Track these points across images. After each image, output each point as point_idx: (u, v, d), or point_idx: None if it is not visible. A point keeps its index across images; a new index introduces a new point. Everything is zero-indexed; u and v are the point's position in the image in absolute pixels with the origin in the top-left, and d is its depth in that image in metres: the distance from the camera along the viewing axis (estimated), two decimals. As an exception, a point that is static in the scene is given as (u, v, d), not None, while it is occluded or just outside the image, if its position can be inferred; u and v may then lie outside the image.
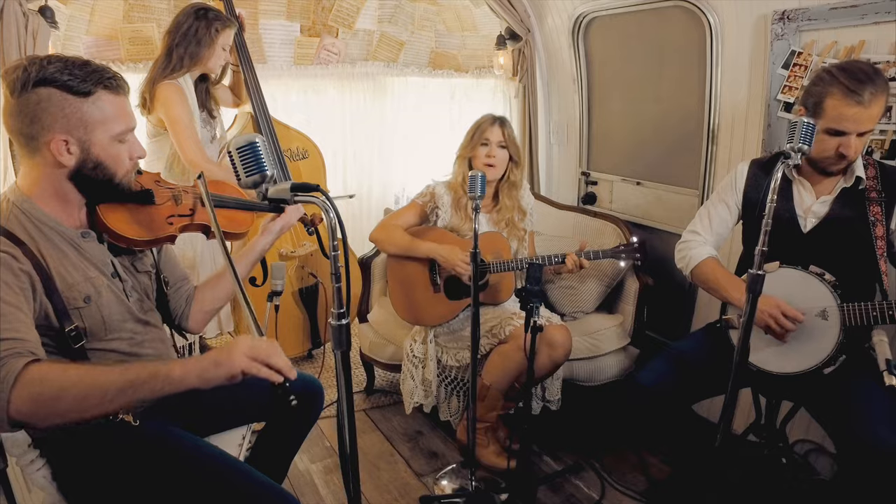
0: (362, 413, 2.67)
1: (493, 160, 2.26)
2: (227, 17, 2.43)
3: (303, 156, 2.92)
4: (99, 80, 1.22)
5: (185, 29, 2.30)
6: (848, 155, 1.61)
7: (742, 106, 2.27)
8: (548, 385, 2.34)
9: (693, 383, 1.83)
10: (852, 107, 1.55)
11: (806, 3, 1.96)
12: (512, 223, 2.35)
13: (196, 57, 2.32)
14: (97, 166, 1.26)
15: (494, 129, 2.25)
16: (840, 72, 1.58)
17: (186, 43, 2.29)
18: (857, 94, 1.54)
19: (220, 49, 2.37)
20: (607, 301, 2.61)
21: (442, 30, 3.53)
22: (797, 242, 1.78)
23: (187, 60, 2.30)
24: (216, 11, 2.38)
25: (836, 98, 1.57)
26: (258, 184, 1.12)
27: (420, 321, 2.32)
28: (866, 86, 1.53)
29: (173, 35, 2.33)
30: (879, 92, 1.54)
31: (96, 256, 1.32)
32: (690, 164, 2.53)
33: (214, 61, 2.38)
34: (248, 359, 1.11)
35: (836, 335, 1.65)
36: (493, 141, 2.25)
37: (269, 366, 1.13)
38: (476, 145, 2.26)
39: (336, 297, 1.16)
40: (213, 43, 2.33)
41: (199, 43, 2.30)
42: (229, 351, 1.11)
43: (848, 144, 1.60)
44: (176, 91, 2.29)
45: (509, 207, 2.34)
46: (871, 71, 1.55)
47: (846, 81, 1.55)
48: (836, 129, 1.59)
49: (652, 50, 2.65)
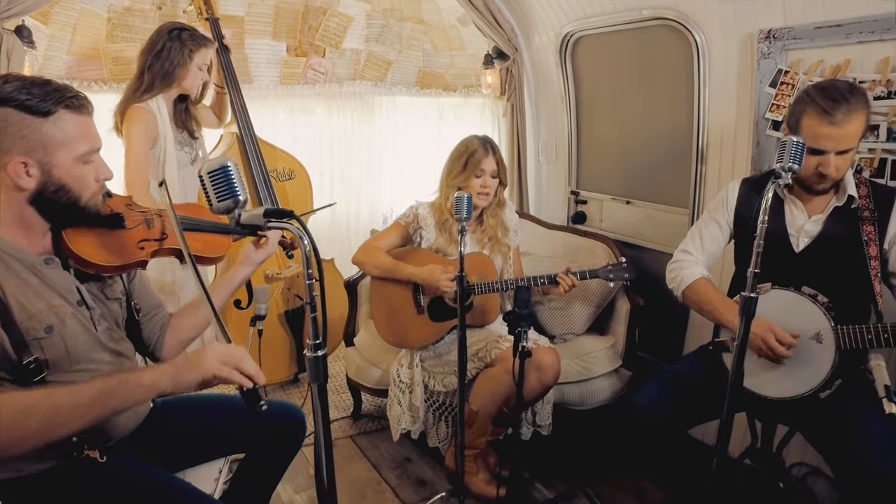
0: (349, 439, 2.59)
1: (487, 190, 2.23)
2: (202, 37, 2.37)
3: (289, 176, 2.88)
4: (60, 100, 1.17)
5: (158, 48, 2.25)
6: (828, 174, 1.59)
7: (730, 124, 2.26)
8: (538, 409, 2.28)
9: (688, 407, 1.78)
10: (825, 126, 1.54)
11: (791, 22, 1.96)
12: (495, 239, 2.31)
13: (170, 77, 2.26)
14: (60, 189, 1.21)
15: (489, 159, 2.20)
16: (816, 91, 1.57)
17: (160, 63, 2.24)
18: (830, 115, 1.53)
19: (195, 69, 2.32)
20: (598, 322, 2.56)
21: (429, 49, 3.52)
22: (790, 262, 1.74)
23: (159, 81, 2.25)
24: (191, 31, 2.33)
25: (811, 117, 1.56)
26: (231, 209, 1.07)
27: (403, 343, 2.27)
28: (840, 105, 1.52)
29: (147, 55, 2.28)
30: (855, 111, 1.53)
31: (60, 284, 1.26)
32: (680, 182, 2.51)
33: (190, 81, 2.33)
34: (219, 363, 1.12)
35: (832, 358, 1.61)
36: (487, 171, 2.21)
37: (240, 370, 1.13)
38: (470, 176, 2.21)
39: (312, 328, 1.11)
40: (188, 63, 2.28)
41: (173, 63, 2.25)
42: (202, 355, 1.12)
43: (827, 163, 1.58)
44: (141, 116, 2.23)
45: (493, 225, 2.32)
46: (848, 90, 1.54)
47: (821, 101, 1.54)
48: (813, 148, 1.58)
49: (640, 69, 2.65)
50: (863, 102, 1.55)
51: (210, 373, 1.11)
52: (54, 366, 1.22)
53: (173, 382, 1.11)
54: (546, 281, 2.16)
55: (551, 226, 2.91)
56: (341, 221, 3.57)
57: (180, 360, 1.14)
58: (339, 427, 2.67)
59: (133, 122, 2.22)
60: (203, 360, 1.11)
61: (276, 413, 1.71)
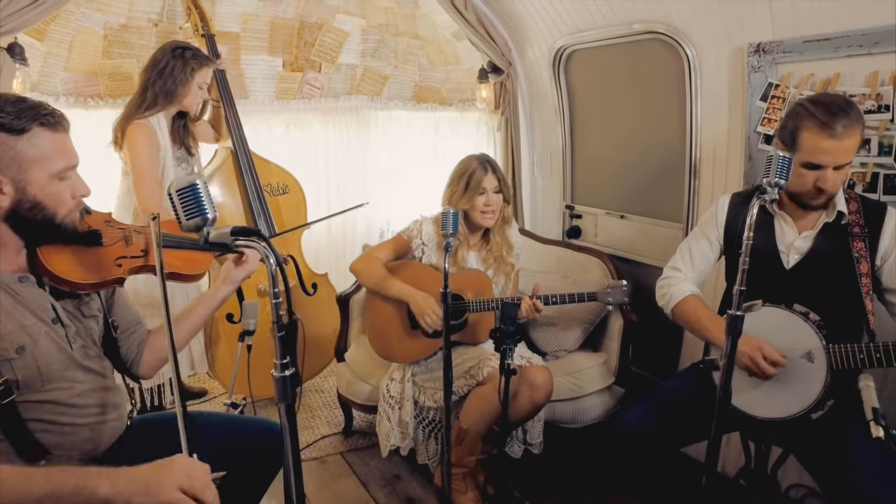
0: (339, 456, 2.56)
1: (492, 207, 2.20)
2: (205, 56, 2.41)
3: (283, 191, 2.88)
4: (34, 117, 1.17)
5: (161, 66, 2.28)
6: (826, 189, 1.57)
7: (723, 138, 2.24)
8: (529, 427, 2.24)
9: (678, 426, 1.74)
10: (826, 140, 1.51)
11: (780, 36, 1.94)
12: (501, 259, 2.29)
13: (171, 95, 2.29)
14: (34, 206, 1.20)
15: (489, 176, 2.18)
16: (813, 105, 1.54)
17: (163, 81, 2.27)
18: (830, 128, 1.50)
19: (196, 87, 2.35)
20: (591, 339, 2.52)
21: (425, 63, 3.54)
22: (780, 279, 1.71)
23: (161, 98, 2.28)
24: (194, 50, 2.37)
25: (810, 131, 1.53)
26: (200, 227, 1.07)
27: (394, 357, 2.25)
28: (839, 119, 1.49)
29: (149, 72, 2.32)
30: (853, 124, 1.50)
31: (34, 302, 1.25)
32: (674, 196, 2.49)
33: (191, 99, 2.36)
34: (179, 492, 1.05)
35: (823, 378, 1.57)
36: (489, 189, 2.19)
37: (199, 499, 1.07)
38: (473, 195, 2.19)
39: (279, 347, 1.10)
40: (190, 81, 2.31)
41: (175, 81, 2.28)
42: (163, 477, 1.05)
43: (825, 178, 1.55)
44: (144, 132, 2.25)
45: (499, 244, 2.29)
46: (845, 104, 1.52)
47: (819, 115, 1.51)
48: (812, 163, 1.55)
49: (633, 82, 2.64)
50: (859, 117, 1.53)
51: (167, 500, 1.04)
52: (26, 386, 1.21)
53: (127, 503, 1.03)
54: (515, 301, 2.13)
55: (545, 240, 2.89)
56: (337, 236, 3.56)
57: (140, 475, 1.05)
58: (330, 443, 2.64)
59: (136, 138, 2.25)
60: (163, 486, 1.04)
61: (256, 430, 1.69)
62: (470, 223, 2.25)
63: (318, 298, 2.97)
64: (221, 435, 1.63)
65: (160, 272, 1.35)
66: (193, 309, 1.58)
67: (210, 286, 2.68)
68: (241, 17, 2.99)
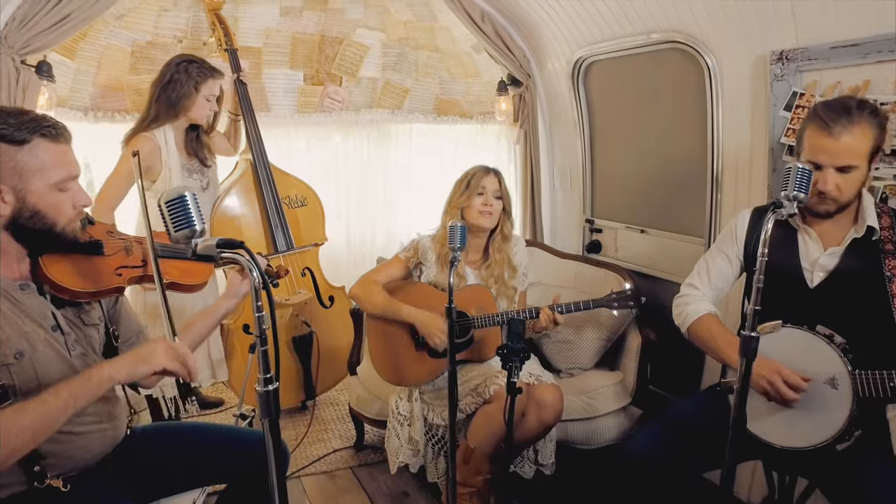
0: (349, 471, 2.53)
1: (490, 208, 2.18)
2: (211, 68, 2.44)
3: (301, 203, 2.91)
4: (35, 129, 1.21)
5: (166, 80, 2.33)
6: (824, 190, 1.49)
7: (745, 150, 2.14)
8: (540, 448, 2.17)
9: (693, 452, 1.65)
10: (823, 137, 1.47)
11: (805, 43, 1.85)
12: (501, 280, 2.23)
13: (177, 108, 2.33)
14: (34, 215, 1.23)
15: (490, 177, 2.18)
16: (821, 106, 1.51)
17: (167, 95, 2.31)
18: (828, 126, 1.46)
19: (202, 100, 2.38)
20: (607, 357, 2.44)
21: (446, 76, 3.53)
22: (803, 298, 1.61)
23: (166, 111, 2.31)
24: (199, 62, 2.40)
25: (811, 130, 1.50)
26: (188, 238, 1.07)
27: (401, 381, 2.20)
28: (840, 117, 1.45)
29: (156, 87, 2.36)
30: (857, 125, 1.45)
31: (34, 309, 1.28)
32: (695, 210, 2.40)
33: (198, 112, 2.39)
34: (170, 358, 1.23)
35: (848, 407, 1.46)
36: (489, 190, 2.17)
37: (186, 366, 1.24)
38: (472, 195, 2.17)
39: (261, 361, 1.08)
40: (195, 94, 2.35)
41: (180, 94, 2.32)
42: (152, 349, 1.23)
43: (824, 179, 1.49)
44: (141, 143, 2.28)
45: (499, 262, 2.24)
46: (856, 105, 1.46)
47: (822, 114, 1.48)
48: (812, 162, 1.49)
49: (652, 94, 2.57)
50: (870, 118, 1.46)
51: (161, 366, 1.21)
52: (23, 392, 1.22)
53: (128, 374, 1.21)
54: (528, 315, 2.09)
55: (563, 254, 2.82)
56: (356, 249, 3.57)
57: (133, 354, 1.24)
58: (341, 457, 2.62)
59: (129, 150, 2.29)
60: (155, 354, 1.22)
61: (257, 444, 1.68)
62: (470, 232, 2.19)
63: (335, 311, 2.97)
64: (224, 446, 1.62)
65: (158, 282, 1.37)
66: (196, 321, 1.59)
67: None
68: (263, 32, 3.05)
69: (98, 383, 1.18)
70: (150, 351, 1.23)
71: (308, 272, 2.89)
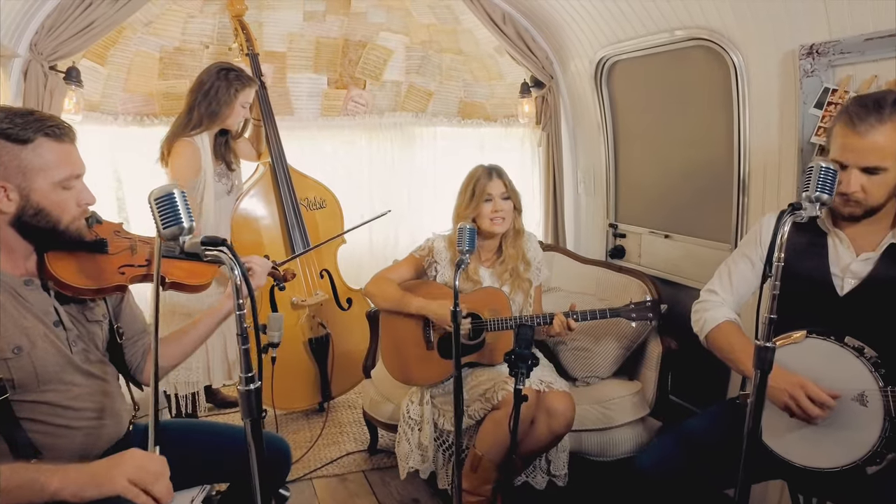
0: (361, 474, 2.51)
1: (501, 213, 2.15)
2: (248, 77, 2.49)
3: (320, 205, 2.93)
4: (40, 128, 1.23)
5: (206, 88, 2.37)
6: (848, 191, 1.39)
7: (773, 151, 2.03)
8: (553, 458, 2.10)
9: (705, 469, 1.55)
10: (850, 136, 1.37)
11: (837, 35, 1.74)
12: (516, 273, 2.20)
13: (216, 115, 2.37)
14: (38, 213, 1.26)
15: (494, 182, 2.15)
16: (854, 101, 1.40)
17: (208, 102, 2.35)
18: (855, 123, 1.35)
19: (239, 107, 2.43)
20: (627, 366, 2.35)
21: (469, 79, 3.51)
22: (831, 307, 1.50)
23: (206, 119, 2.36)
24: (238, 71, 2.45)
25: (840, 127, 1.40)
26: (176, 235, 1.07)
27: (410, 380, 2.18)
28: (870, 115, 1.34)
29: (196, 93, 2.41)
30: (887, 123, 1.34)
31: (37, 305, 1.30)
32: (720, 215, 2.29)
33: (233, 119, 2.44)
34: (129, 484, 1.08)
35: (879, 426, 1.35)
36: (496, 194, 2.14)
37: (149, 493, 1.09)
38: (479, 203, 2.14)
39: (243, 360, 1.07)
40: (234, 102, 2.39)
41: (220, 102, 2.36)
42: (112, 470, 1.09)
43: (847, 180, 1.38)
44: (188, 149, 2.35)
45: (513, 257, 2.21)
46: (891, 101, 1.34)
47: (852, 110, 1.37)
48: (839, 161, 1.39)
49: (677, 94, 2.47)
50: None
51: (115, 492, 1.07)
52: (21, 386, 1.24)
53: (75, 495, 1.06)
54: (542, 321, 2.04)
55: (585, 260, 2.74)
56: (378, 252, 3.57)
57: (91, 469, 1.10)
58: (353, 460, 2.60)
59: (179, 156, 2.35)
60: (112, 479, 1.08)
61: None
62: (482, 236, 2.18)
63: (353, 314, 2.97)
64: (226, 445, 1.62)
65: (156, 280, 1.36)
66: (199, 321, 1.60)
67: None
68: (287, 36, 3.09)
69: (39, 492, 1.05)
70: (109, 473, 1.08)
71: (326, 274, 2.90)
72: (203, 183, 2.46)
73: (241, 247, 2.60)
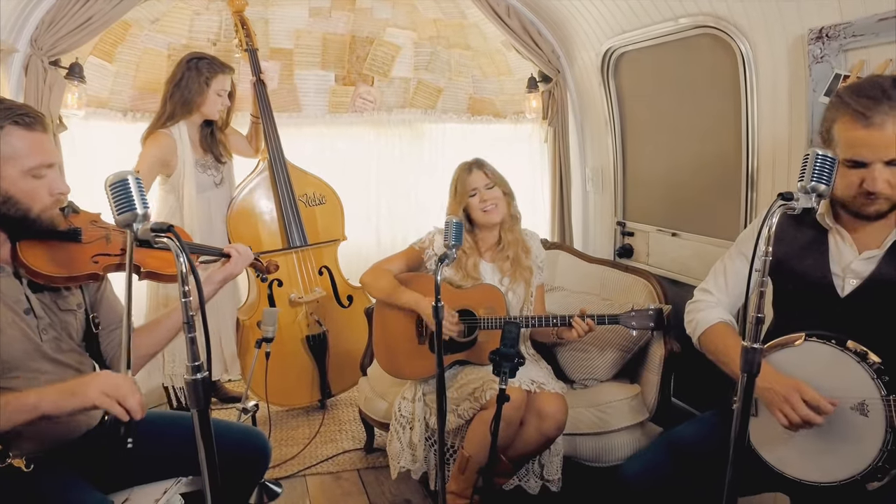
0: (355, 473, 2.48)
1: (490, 202, 2.11)
2: (220, 64, 2.50)
3: (319, 201, 2.91)
4: (8, 116, 1.24)
5: (178, 78, 2.41)
6: (875, 190, 1.26)
7: (783, 143, 1.92)
8: (546, 462, 2.03)
9: (694, 479, 1.47)
10: (860, 130, 1.23)
11: (849, 17, 1.62)
12: (518, 262, 2.15)
13: (189, 104, 2.40)
14: (7, 201, 1.26)
15: (473, 175, 2.13)
16: (848, 92, 1.27)
17: (180, 92, 2.39)
18: (865, 116, 1.22)
19: (214, 95, 2.44)
20: (628, 368, 2.25)
21: (478, 75, 3.45)
22: (832, 309, 1.40)
23: (180, 108, 2.39)
24: (209, 59, 2.47)
25: (843, 123, 1.26)
26: (130, 222, 1.06)
27: (400, 374, 2.16)
28: (879, 104, 1.21)
29: (169, 84, 2.45)
30: None
31: (7, 292, 1.31)
32: (729, 212, 2.18)
33: (209, 107, 2.45)
34: (101, 393, 1.14)
35: (881, 438, 1.25)
36: (479, 186, 2.12)
37: (122, 404, 1.15)
38: (464, 199, 2.12)
39: (189, 349, 1.04)
40: (206, 90, 2.41)
41: (191, 91, 2.39)
42: (86, 383, 1.16)
43: (872, 177, 1.25)
44: (158, 141, 2.37)
45: (512, 243, 2.17)
46: (891, 85, 1.22)
47: (853, 102, 1.24)
48: (853, 160, 1.26)
49: (684, 86, 2.37)
50: None
51: (90, 402, 1.14)
52: (-14, 370, 1.25)
53: (55, 406, 1.14)
54: (559, 322, 1.96)
55: (590, 259, 2.65)
56: (386, 250, 3.53)
57: (66, 385, 1.17)
58: (349, 458, 2.58)
59: (148, 146, 2.39)
60: (86, 389, 1.14)
61: (238, 439, 1.66)
62: (480, 229, 2.16)
63: (353, 311, 2.95)
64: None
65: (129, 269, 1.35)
66: (174, 310, 1.58)
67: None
68: (294, 33, 3.10)
69: (19, 408, 1.13)
70: (83, 385, 1.15)
71: (326, 270, 2.88)
72: (182, 174, 2.47)
73: (239, 239, 2.61)
